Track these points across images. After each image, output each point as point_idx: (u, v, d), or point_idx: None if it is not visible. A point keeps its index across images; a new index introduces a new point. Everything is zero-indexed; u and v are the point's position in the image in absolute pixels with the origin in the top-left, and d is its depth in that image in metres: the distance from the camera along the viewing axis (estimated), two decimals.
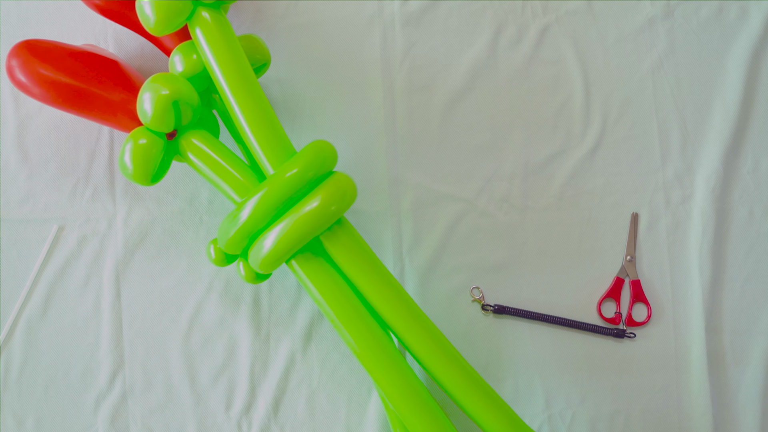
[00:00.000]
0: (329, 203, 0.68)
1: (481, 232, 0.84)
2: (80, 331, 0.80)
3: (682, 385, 0.82)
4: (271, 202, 0.67)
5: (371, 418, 0.80)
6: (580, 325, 0.82)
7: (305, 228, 0.67)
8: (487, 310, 0.82)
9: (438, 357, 0.70)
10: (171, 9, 0.68)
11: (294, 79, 0.85)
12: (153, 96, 0.68)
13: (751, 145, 0.86)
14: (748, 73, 0.86)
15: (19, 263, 0.81)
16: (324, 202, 0.67)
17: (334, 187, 0.68)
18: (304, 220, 0.67)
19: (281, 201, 0.67)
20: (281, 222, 0.68)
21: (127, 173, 0.70)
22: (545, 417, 0.81)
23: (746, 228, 0.85)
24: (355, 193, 0.71)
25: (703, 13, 0.87)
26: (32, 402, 0.79)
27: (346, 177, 0.70)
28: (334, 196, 0.68)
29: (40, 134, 0.82)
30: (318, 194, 0.67)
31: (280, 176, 0.68)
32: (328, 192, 0.68)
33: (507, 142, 0.85)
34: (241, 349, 0.81)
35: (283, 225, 0.67)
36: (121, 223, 0.82)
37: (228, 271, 0.82)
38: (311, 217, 0.67)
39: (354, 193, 0.70)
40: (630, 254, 0.84)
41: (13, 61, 0.71)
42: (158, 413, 0.80)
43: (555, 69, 0.86)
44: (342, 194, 0.69)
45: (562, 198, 0.84)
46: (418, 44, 0.86)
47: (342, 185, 0.69)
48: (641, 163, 0.85)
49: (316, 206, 0.67)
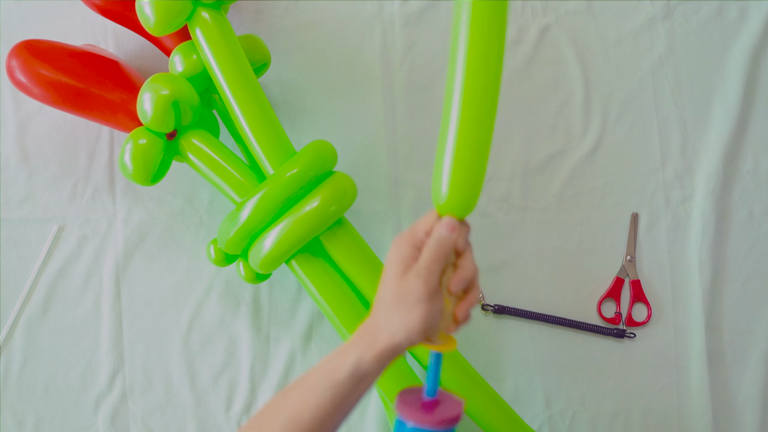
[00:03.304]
0: (329, 203, 0.68)
1: (482, 232, 0.84)
2: (80, 331, 0.80)
3: (682, 385, 0.82)
4: (271, 202, 0.67)
5: (371, 418, 0.80)
6: (580, 325, 0.82)
7: (305, 228, 0.67)
8: (487, 310, 0.82)
9: None
10: (171, 9, 0.68)
11: (294, 79, 0.85)
12: (153, 96, 0.68)
13: (751, 145, 0.86)
14: (748, 73, 0.86)
15: (19, 263, 0.81)
16: (324, 202, 0.67)
17: (334, 187, 0.68)
18: (304, 220, 0.67)
19: (281, 201, 0.68)
20: (281, 222, 0.68)
21: (127, 173, 0.71)
22: (545, 417, 0.81)
23: (746, 228, 0.85)
24: (355, 193, 0.71)
25: (703, 13, 0.87)
26: (32, 402, 0.79)
27: (346, 177, 0.70)
28: (334, 196, 0.68)
29: (40, 134, 0.82)
30: (318, 194, 0.68)
31: (280, 176, 0.68)
32: (328, 192, 0.68)
33: (507, 142, 0.85)
34: (241, 349, 0.81)
35: (283, 225, 0.67)
36: (121, 223, 0.82)
37: (228, 271, 0.82)
38: (311, 217, 0.67)
39: (354, 193, 0.70)
40: (630, 254, 0.84)
41: (13, 61, 0.71)
42: (158, 413, 0.80)
43: (555, 69, 0.86)
44: (342, 194, 0.69)
45: (562, 198, 0.84)
46: (418, 44, 0.86)
47: (342, 185, 0.69)
48: (641, 163, 0.85)
49: (316, 206, 0.67)
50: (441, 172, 0.54)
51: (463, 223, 0.54)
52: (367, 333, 0.52)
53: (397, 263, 0.52)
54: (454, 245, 0.53)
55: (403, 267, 0.51)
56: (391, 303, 0.51)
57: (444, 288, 0.53)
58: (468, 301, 0.54)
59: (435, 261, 0.51)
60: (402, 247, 0.52)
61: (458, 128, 0.53)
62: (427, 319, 0.50)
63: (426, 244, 0.52)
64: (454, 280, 0.53)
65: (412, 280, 0.50)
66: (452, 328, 0.54)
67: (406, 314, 0.50)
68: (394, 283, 0.51)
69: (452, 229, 0.52)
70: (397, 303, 0.51)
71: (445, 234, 0.52)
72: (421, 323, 0.50)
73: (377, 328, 0.52)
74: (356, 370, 0.51)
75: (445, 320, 0.53)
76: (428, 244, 0.52)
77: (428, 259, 0.51)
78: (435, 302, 0.51)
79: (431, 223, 0.53)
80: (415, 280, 0.50)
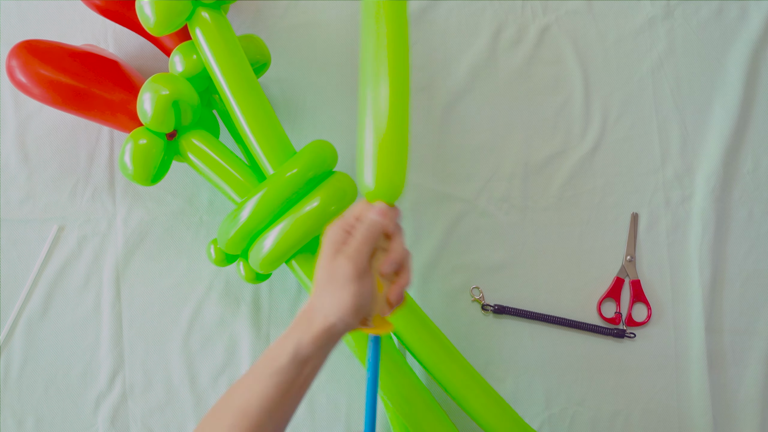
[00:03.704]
0: (329, 203, 0.68)
1: (481, 232, 0.84)
2: (80, 331, 0.80)
3: (682, 385, 0.82)
4: (271, 202, 0.67)
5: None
6: (580, 325, 0.82)
7: (305, 228, 0.67)
8: (487, 310, 0.82)
9: (438, 357, 0.70)
10: (171, 9, 0.68)
11: (294, 79, 0.85)
12: (153, 96, 0.68)
13: (751, 145, 0.86)
14: (748, 73, 0.86)
15: (19, 263, 0.81)
16: (324, 202, 0.67)
17: (334, 187, 0.68)
18: (304, 220, 0.67)
19: (281, 201, 0.68)
20: (281, 222, 0.68)
21: (127, 173, 0.71)
22: (545, 417, 0.81)
23: (746, 228, 0.85)
24: (356, 192, 0.71)
25: (703, 13, 0.87)
26: (32, 402, 0.79)
27: (346, 177, 0.70)
28: (334, 196, 0.68)
29: (40, 134, 0.82)
30: (318, 194, 0.68)
31: (280, 176, 0.68)
32: (328, 192, 0.68)
33: (507, 142, 0.85)
34: (241, 349, 0.81)
35: (283, 225, 0.67)
36: (121, 223, 0.82)
37: (228, 271, 0.82)
38: (311, 217, 0.67)
39: (354, 193, 0.70)
40: (630, 254, 0.84)
41: (13, 61, 0.71)
42: (158, 413, 0.80)
43: (555, 69, 0.86)
44: (342, 194, 0.69)
45: (562, 198, 0.84)
46: (418, 44, 0.86)
47: (342, 185, 0.69)
48: (641, 163, 0.85)
49: (316, 206, 0.67)
50: (363, 160, 0.56)
51: (393, 208, 0.56)
52: (305, 317, 0.54)
53: (328, 246, 0.54)
54: (384, 228, 0.55)
55: (333, 250, 0.53)
56: (323, 284, 0.53)
57: (376, 272, 0.55)
58: (400, 283, 0.56)
59: (364, 242, 0.53)
60: (333, 231, 0.54)
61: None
62: (358, 298, 0.52)
63: (356, 228, 0.54)
64: (385, 262, 0.55)
65: (342, 261, 0.52)
66: (387, 311, 0.56)
67: (337, 294, 0.52)
68: (325, 266, 0.53)
69: (381, 214, 0.55)
70: (329, 284, 0.53)
71: (373, 217, 0.54)
72: (352, 302, 0.52)
73: (313, 311, 0.54)
74: (296, 355, 0.52)
75: (379, 303, 0.55)
76: (358, 228, 0.54)
77: (357, 241, 0.53)
78: (364, 282, 0.53)
79: (362, 209, 0.56)
80: (344, 260, 0.52)
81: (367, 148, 0.56)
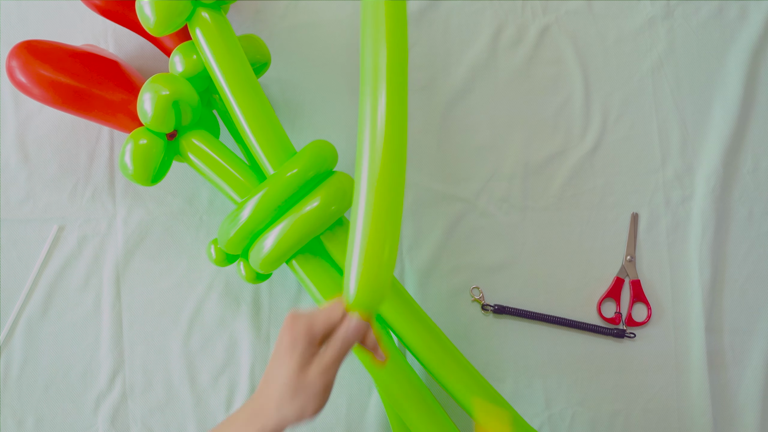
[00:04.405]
0: (329, 203, 0.68)
1: (481, 232, 0.84)
2: (80, 331, 0.80)
3: (681, 385, 0.82)
4: (272, 202, 0.67)
5: (371, 418, 0.80)
6: (580, 325, 0.82)
7: (305, 228, 0.67)
8: (487, 310, 0.82)
9: (438, 356, 0.70)
10: (171, 9, 0.68)
11: (294, 79, 0.85)
12: (153, 96, 0.68)
13: (751, 145, 0.86)
14: (748, 73, 0.86)
15: (19, 263, 0.81)
16: (324, 202, 0.67)
17: (334, 186, 0.68)
18: (305, 220, 0.67)
19: (281, 201, 0.68)
20: (281, 222, 0.68)
21: (127, 173, 0.71)
22: (545, 417, 0.81)
23: (746, 228, 0.85)
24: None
25: (703, 13, 0.87)
26: (32, 402, 0.80)
27: (347, 176, 0.70)
28: (335, 195, 0.68)
29: (40, 134, 0.82)
30: (318, 194, 0.68)
31: (280, 176, 0.68)
32: (329, 192, 0.68)
33: (507, 142, 0.85)
34: (241, 349, 0.81)
35: (284, 225, 0.67)
36: (121, 223, 0.82)
37: (228, 271, 0.82)
38: (311, 217, 0.67)
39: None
40: (630, 254, 0.84)
41: (14, 61, 0.71)
42: (158, 413, 0.80)
43: (555, 69, 0.86)
44: (342, 194, 0.69)
45: (562, 198, 0.84)
46: (418, 44, 0.86)
47: (342, 185, 0.69)
48: (641, 163, 0.85)
49: (316, 206, 0.67)
50: (350, 266, 0.55)
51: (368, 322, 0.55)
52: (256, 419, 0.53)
53: (294, 359, 0.52)
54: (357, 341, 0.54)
55: (300, 363, 0.52)
56: (289, 395, 0.52)
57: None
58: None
59: (339, 360, 0.53)
60: (299, 342, 0.53)
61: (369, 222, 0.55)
62: (323, 405, 0.52)
63: (331, 343, 0.53)
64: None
65: (314, 377, 0.52)
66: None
67: (304, 404, 0.52)
68: (291, 377, 0.52)
69: (360, 332, 0.54)
70: (295, 395, 0.52)
71: (352, 337, 0.54)
72: (317, 410, 0.52)
73: (267, 415, 0.53)
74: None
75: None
76: (334, 343, 0.53)
77: (332, 358, 0.53)
78: (330, 389, 0.53)
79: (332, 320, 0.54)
80: (317, 377, 0.52)
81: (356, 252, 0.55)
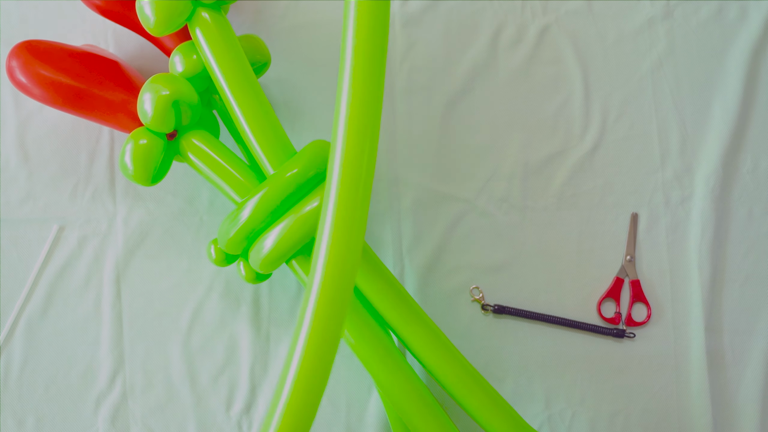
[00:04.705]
0: None
1: (481, 232, 0.84)
2: (80, 331, 0.80)
3: (681, 385, 0.82)
4: (272, 202, 0.67)
5: (371, 418, 0.80)
6: (580, 325, 0.82)
7: (305, 228, 0.67)
8: (487, 310, 0.82)
9: (438, 356, 0.70)
10: (171, 9, 0.68)
11: (294, 79, 0.85)
12: (153, 96, 0.68)
13: (750, 145, 0.86)
14: (747, 73, 0.86)
15: (19, 263, 0.81)
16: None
17: None
18: (305, 220, 0.67)
19: (281, 201, 0.68)
20: (281, 222, 0.68)
21: (127, 174, 0.71)
22: (545, 417, 0.81)
23: (746, 228, 0.85)
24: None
25: (702, 13, 0.87)
26: (32, 402, 0.80)
27: None
28: None
29: (40, 134, 0.82)
30: (318, 194, 0.68)
31: (280, 176, 0.68)
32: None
33: (507, 142, 0.85)
34: (242, 349, 0.81)
35: (284, 225, 0.67)
36: (122, 224, 0.82)
37: (228, 272, 0.82)
38: (311, 217, 0.67)
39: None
40: (630, 254, 0.84)
41: (14, 61, 0.71)
42: (158, 413, 0.80)
43: (555, 69, 0.86)
44: None
45: (562, 198, 0.84)
46: (418, 44, 0.86)
47: None
48: (641, 163, 0.85)
49: (316, 206, 0.67)
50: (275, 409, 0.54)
51: None
52: None
53: None
54: None
55: None
56: None
57: None
58: None
59: None
60: None
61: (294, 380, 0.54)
62: None
63: None
64: None
65: None
66: None
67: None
68: None
69: None
70: None
71: None
72: None
73: None
74: None
75: None
76: None
77: None
78: None
79: None
80: None
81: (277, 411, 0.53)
